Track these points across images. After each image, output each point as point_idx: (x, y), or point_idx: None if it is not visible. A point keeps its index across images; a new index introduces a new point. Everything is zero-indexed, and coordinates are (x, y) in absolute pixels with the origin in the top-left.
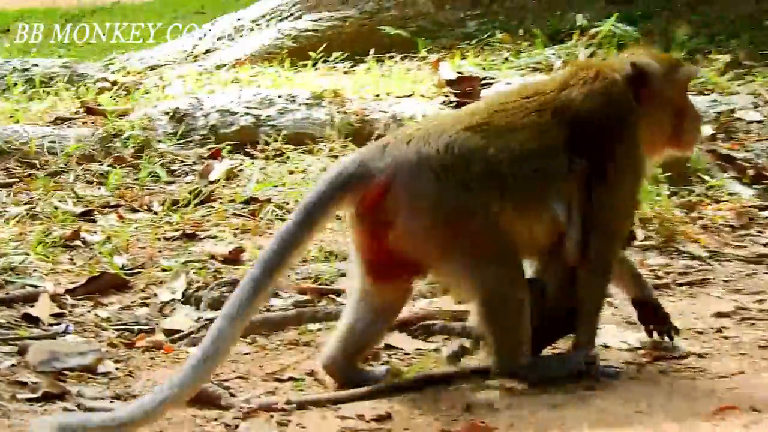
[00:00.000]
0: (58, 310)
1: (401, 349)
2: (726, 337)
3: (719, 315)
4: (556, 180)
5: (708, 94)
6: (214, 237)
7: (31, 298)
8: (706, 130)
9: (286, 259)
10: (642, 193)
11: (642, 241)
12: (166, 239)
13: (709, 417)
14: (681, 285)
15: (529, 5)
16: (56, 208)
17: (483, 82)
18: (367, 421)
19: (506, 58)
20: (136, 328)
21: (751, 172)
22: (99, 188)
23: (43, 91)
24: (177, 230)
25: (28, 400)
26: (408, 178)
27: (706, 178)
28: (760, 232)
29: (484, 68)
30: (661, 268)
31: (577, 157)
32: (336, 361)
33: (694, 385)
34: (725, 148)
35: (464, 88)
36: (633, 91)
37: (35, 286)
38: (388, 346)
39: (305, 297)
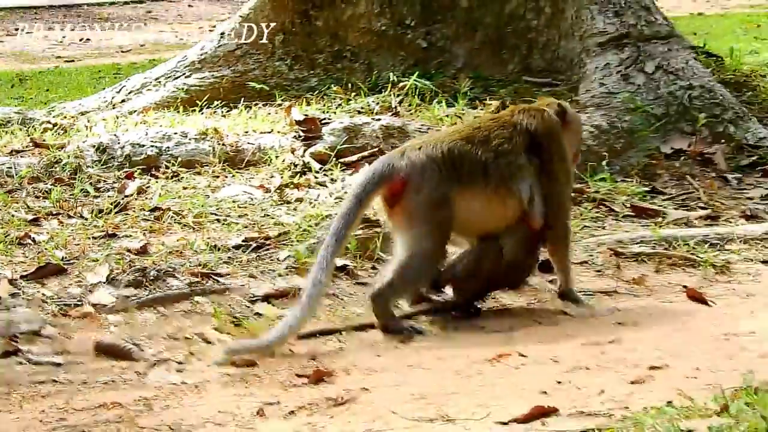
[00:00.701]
0: (14, 290)
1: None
2: (500, 304)
3: None
4: (520, 171)
5: None
6: (129, 236)
7: None
8: None
9: (348, 232)
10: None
11: None
12: (94, 238)
13: (491, 360)
14: None
15: (355, 66)
16: (12, 215)
17: (323, 121)
18: (238, 367)
19: (339, 104)
20: (72, 302)
21: None
22: (44, 201)
23: (2, 130)
24: (101, 231)
25: None
26: (420, 171)
27: None
28: None
29: (323, 112)
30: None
31: (532, 156)
32: None
33: (479, 338)
34: None
35: (309, 126)
36: (558, 120)
37: None
38: (257, 314)
39: (196, 279)
